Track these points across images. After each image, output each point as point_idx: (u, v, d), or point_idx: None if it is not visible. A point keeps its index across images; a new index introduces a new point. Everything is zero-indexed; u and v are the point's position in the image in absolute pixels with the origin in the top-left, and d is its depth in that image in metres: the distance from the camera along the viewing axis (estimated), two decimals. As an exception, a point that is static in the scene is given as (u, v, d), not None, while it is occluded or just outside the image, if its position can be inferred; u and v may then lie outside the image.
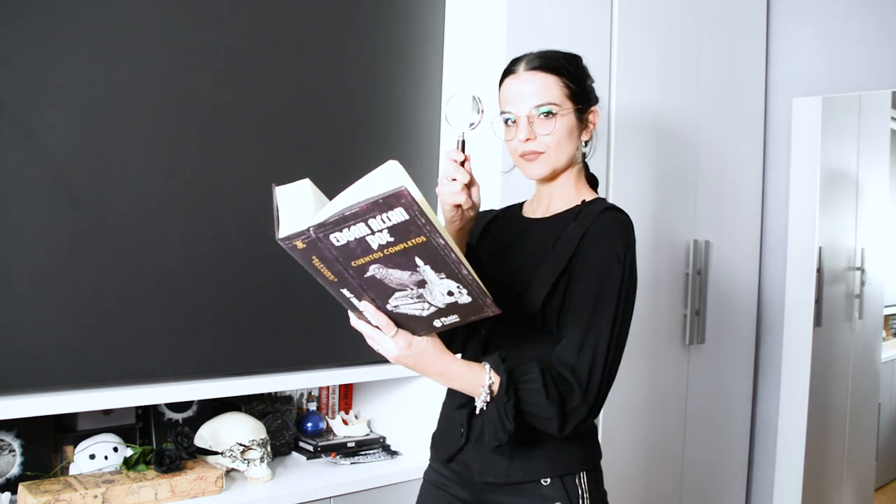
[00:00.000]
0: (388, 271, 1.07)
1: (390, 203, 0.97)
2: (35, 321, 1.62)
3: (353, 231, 1.00)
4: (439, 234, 1.02)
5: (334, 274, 1.08)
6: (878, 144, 2.80)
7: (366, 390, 2.34)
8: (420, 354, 1.21)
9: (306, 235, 1.01)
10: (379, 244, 1.02)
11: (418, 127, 2.17)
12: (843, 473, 2.85)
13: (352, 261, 1.05)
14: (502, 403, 1.21)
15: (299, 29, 1.96)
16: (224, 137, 1.85)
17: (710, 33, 2.63)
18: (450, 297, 1.12)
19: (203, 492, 1.77)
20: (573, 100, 1.37)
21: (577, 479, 1.33)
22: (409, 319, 1.17)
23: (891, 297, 2.83)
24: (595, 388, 1.25)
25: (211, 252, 1.84)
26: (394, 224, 1.00)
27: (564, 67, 1.38)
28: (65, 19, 1.63)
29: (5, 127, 1.58)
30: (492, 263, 1.40)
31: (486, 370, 1.23)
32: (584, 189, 1.45)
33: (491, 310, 1.17)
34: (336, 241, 1.02)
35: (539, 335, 1.33)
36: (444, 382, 1.27)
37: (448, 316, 1.16)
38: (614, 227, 1.32)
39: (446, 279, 1.09)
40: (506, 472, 1.33)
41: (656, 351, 2.49)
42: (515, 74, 1.39)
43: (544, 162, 1.37)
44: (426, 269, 1.07)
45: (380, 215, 0.98)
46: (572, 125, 1.38)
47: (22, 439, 1.73)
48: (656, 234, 2.45)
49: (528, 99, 1.36)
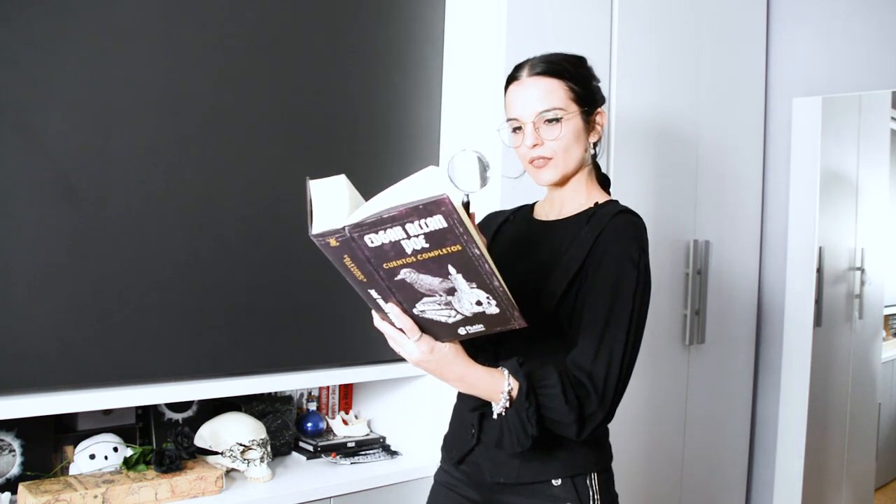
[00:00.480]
0: (419, 276, 1.06)
1: (430, 210, 0.97)
2: (35, 321, 1.61)
3: (389, 234, 1.00)
4: (475, 245, 1.02)
5: (364, 274, 1.07)
6: (878, 144, 2.80)
7: (366, 390, 2.34)
8: (442, 360, 1.20)
9: (341, 234, 1.01)
10: (413, 249, 1.02)
11: (418, 127, 2.17)
12: (842, 473, 2.85)
13: (384, 263, 1.05)
14: (523, 409, 1.21)
15: (299, 29, 1.96)
16: (224, 137, 1.85)
17: (710, 33, 2.63)
18: (478, 306, 1.11)
19: (203, 492, 1.77)
20: (578, 103, 1.37)
21: (587, 480, 1.33)
22: (433, 325, 1.16)
23: (891, 297, 2.83)
24: (611, 392, 1.25)
25: (211, 252, 1.84)
26: (431, 231, 0.99)
27: (568, 71, 1.37)
28: (65, 19, 1.63)
29: (5, 127, 1.57)
30: (504, 266, 1.39)
31: (505, 376, 1.23)
32: (596, 191, 1.45)
33: (517, 322, 1.16)
34: (370, 243, 1.01)
35: (552, 337, 1.33)
36: (462, 388, 1.26)
37: (474, 325, 1.16)
38: (628, 231, 1.33)
39: (476, 289, 1.08)
40: (517, 472, 1.33)
41: (656, 351, 2.49)
42: (519, 81, 1.38)
43: (553, 167, 1.37)
44: (458, 277, 1.06)
45: (418, 221, 0.98)
46: (579, 128, 1.37)
47: (22, 439, 1.73)
48: (656, 234, 2.45)
49: (533, 105, 1.35)
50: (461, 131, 2.14)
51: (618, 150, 2.31)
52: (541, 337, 1.32)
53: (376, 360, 2.08)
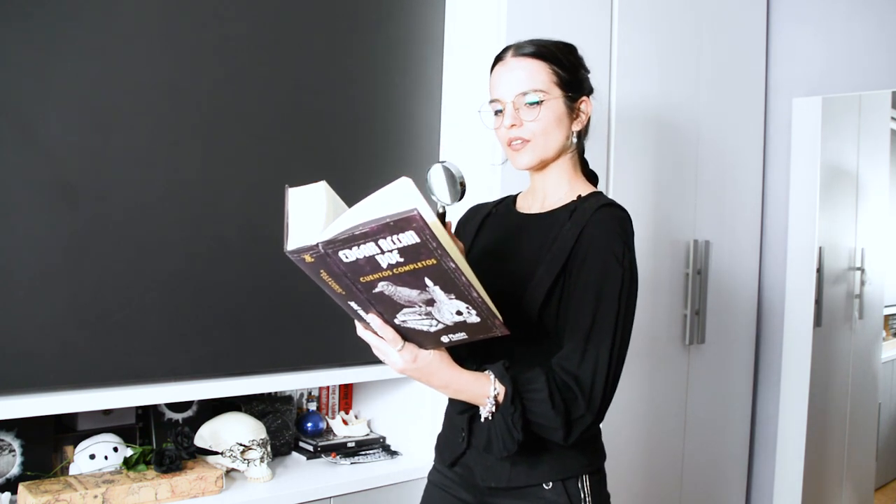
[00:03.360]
0: (396, 289, 1.07)
1: (401, 226, 0.96)
2: (35, 321, 1.61)
3: (363, 249, 1.00)
4: (450, 258, 1.01)
5: (342, 287, 1.08)
6: (878, 144, 2.80)
7: (366, 390, 2.34)
8: (426, 368, 1.20)
9: (315, 251, 1.01)
10: (388, 263, 1.02)
11: (418, 127, 2.17)
12: (842, 473, 2.85)
13: (360, 277, 1.05)
14: (509, 414, 1.20)
15: (299, 29, 1.96)
16: (224, 137, 1.85)
17: (710, 33, 2.63)
18: (458, 316, 1.11)
19: (203, 492, 1.77)
20: (562, 87, 1.34)
21: (579, 483, 1.32)
22: (416, 334, 1.16)
23: (891, 297, 2.83)
24: (599, 395, 1.23)
25: (211, 252, 1.84)
26: (404, 246, 0.99)
27: (553, 54, 1.35)
28: (65, 19, 1.63)
29: (5, 127, 1.57)
30: (487, 263, 1.38)
31: (490, 380, 1.22)
32: (580, 183, 1.41)
33: (500, 330, 1.16)
34: (345, 258, 1.01)
35: (537, 338, 1.31)
36: (449, 394, 1.26)
37: (456, 333, 1.16)
38: (611, 226, 1.29)
39: (456, 300, 1.08)
40: (508, 476, 1.33)
41: (656, 351, 2.49)
42: (504, 61, 1.37)
43: (531, 151, 1.35)
44: (436, 289, 1.06)
45: (390, 237, 0.98)
46: (561, 113, 1.34)
47: (22, 439, 1.73)
48: (656, 234, 2.45)
49: (514, 85, 1.33)
50: (461, 131, 2.14)
51: (618, 149, 2.31)
52: (527, 337, 1.31)
53: (376, 360, 2.07)
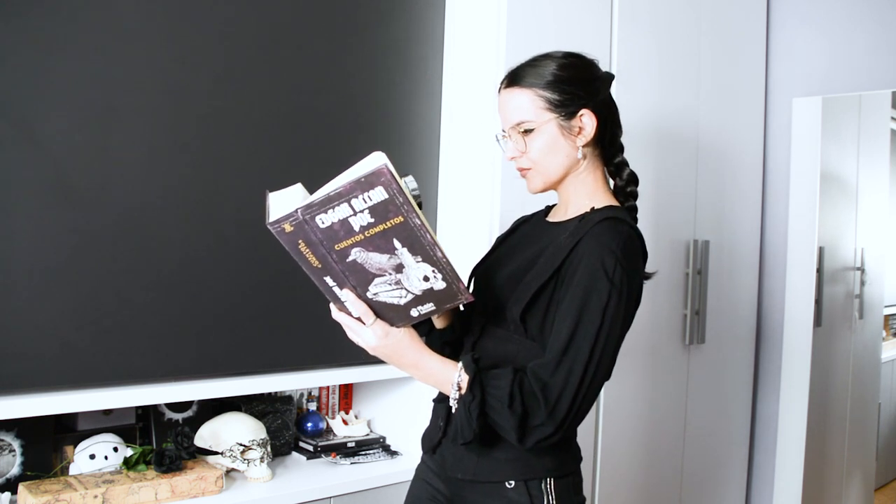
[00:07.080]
0: (368, 255, 1.14)
1: (371, 181, 1.07)
2: (35, 321, 1.61)
3: (338, 212, 1.09)
4: (416, 214, 1.10)
5: (318, 259, 1.15)
6: (878, 144, 2.80)
7: (366, 390, 2.34)
8: (396, 345, 1.25)
9: (294, 217, 1.10)
10: (360, 225, 1.11)
11: (418, 127, 2.17)
12: (843, 473, 2.85)
13: (335, 244, 1.13)
14: (467, 401, 1.23)
15: (299, 29, 1.96)
16: (223, 137, 1.85)
17: (710, 33, 2.63)
18: (426, 282, 1.18)
19: (203, 492, 1.77)
20: (552, 109, 1.32)
21: (542, 485, 1.31)
22: (387, 309, 1.22)
23: (891, 297, 2.83)
24: (564, 408, 1.21)
25: (211, 252, 1.84)
26: (374, 204, 1.08)
27: (541, 77, 1.32)
28: (65, 19, 1.63)
29: (5, 127, 1.58)
30: (500, 263, 1.41)
31: (457, 368, 1.25)
32: (601, 195, 1.39)
33: (465, 296, 1.21)
34: (321, 223, 1.10)
35: (523, 340, 1.31)
36: (417, 376, 1.29)
37: (424, 304, 1.21)
38: (607, 239, 1.26)
39: (422, 262, 1.15)
40: (473, 469, 1.34)
41: (656, 351, 2.49)
42: (498, 93, 1.39)
43: (535, 177, 1.38)
44: (403, 251, 1.14)
45: (362, 195, 1.08)
46: (554, 135, 1.33)
47: (22, 439, 1.73)
48: (656, 234, 2.45)
49: (506, 117, 1.36)
50: (461, 131, 2.14)
51: (618, 150, 2.31)
52: (514, 337, 1.32)
53: (376, 360, 2.07)
